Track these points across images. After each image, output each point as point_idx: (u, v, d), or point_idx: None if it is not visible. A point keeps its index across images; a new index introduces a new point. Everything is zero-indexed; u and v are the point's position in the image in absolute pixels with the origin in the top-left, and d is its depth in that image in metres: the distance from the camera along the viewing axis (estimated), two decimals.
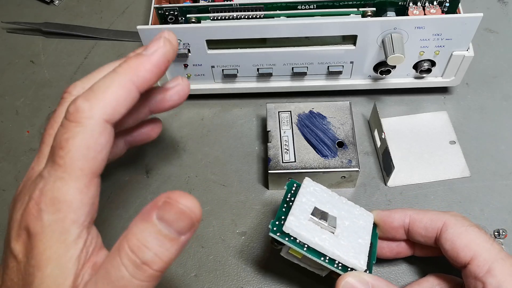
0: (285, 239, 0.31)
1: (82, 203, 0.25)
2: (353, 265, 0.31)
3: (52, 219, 0.24)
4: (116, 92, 0.26)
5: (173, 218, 0.24)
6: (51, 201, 0.24)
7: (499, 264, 0.29)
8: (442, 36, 0.41)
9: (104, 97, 0.25)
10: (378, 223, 0.35)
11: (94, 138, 0.25)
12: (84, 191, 0.25)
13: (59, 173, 0.24)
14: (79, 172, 0.24)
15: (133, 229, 0.24)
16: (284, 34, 0.41)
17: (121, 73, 0.26)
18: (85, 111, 0.25)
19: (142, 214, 0.24)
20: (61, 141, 0.24)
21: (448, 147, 0.44)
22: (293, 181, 0.35)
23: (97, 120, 0.25)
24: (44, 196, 0.24)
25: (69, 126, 0.25)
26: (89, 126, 0.25)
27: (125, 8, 0.56)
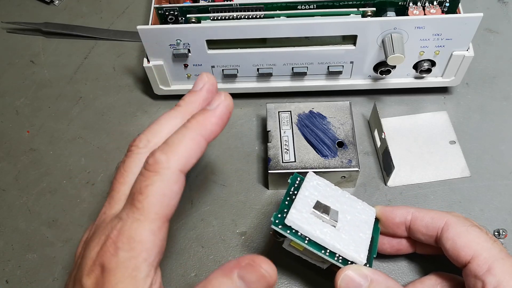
0: (287, 232, 0.32)
1: (154, 244, 0.27)
2: (353, 258, 0.32)
3: (126, 256, 0.26)
4: (189, 145, 0.29)
5: (253, 280, 0.27)
6: (127, 239, 0.27)
7: (499, 263, 0.30)
8: (442, 36, 0.41)
9: (178, 150, 0.28)
10: (380, 218, 0.36)
11: (170, 186, 0.28)
12: (156, 233, 0.27)
13: (137, 215, 0.27)
14: (154, 216, 0.27)
15: (212, 281, 0.27)
16: (284, 34, 0.41)
17: (191, 128, 0.29)
18: (163, 163, 0.28)
19: (223, 269, 0.27)
20: (141, 188, 0.27)
21: (448, 147, 0.44)
22: (297, 175, 0.36)
23: (173, 170, 0.28)
24: (121, 235, 0.27)
25: (148, 175, 0.28)
26: (166, 175, 0.28)
27: (125, 8, 0.56)
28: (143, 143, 0.31)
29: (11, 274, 0.39)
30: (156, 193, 0.27)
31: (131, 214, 0.27)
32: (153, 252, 0.27)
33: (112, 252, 0.27)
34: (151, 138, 0.31)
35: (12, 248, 0.41)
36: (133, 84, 0.50)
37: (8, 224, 0.42)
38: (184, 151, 0.29)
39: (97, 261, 0.27)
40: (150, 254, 0.27)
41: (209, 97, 0.32)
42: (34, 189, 0.44)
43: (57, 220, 0.42)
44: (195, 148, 0.29)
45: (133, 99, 0.49)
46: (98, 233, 0.29)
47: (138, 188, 0.28)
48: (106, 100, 0.49)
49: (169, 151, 0.28)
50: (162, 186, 0.27)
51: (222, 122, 0.31)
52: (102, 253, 0.27)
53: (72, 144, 0.46)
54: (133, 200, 0.28)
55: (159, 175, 0.27)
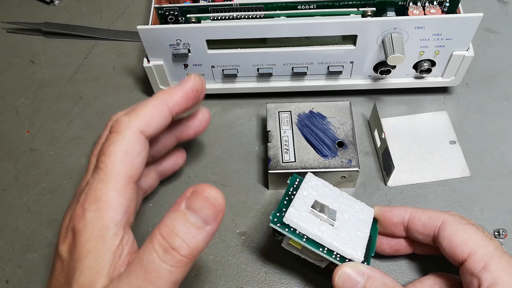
0: (285, 230, 0.33)
1: (119, 204, 0.28)
2: (350, 256, 0.32)
3: (93, 216, 0.27)
4: (151, 110, 0.31)
5: (199, 206, 0.27)
6: (93, 200, 0.28)
7: (494, 260, 0.30)
8: (442, 36, 0.41)
9: (140, 113, 0.30)
10: (378, 218, 0.36)
11: (131, 145, 0.29)
12: (121, 192, 0.28)
13: (101, 175, 0.28)
14: (117, 175, 0.28)
15: (164, 219, 0.27)
16: (284, 34, 0.41)
17: (157, 96, 0.32)
18: (124, 123, 0.29)
19: (173, 205, 0.28)
20: (103, 148, 0.29)
21: (448, 147, 0.44)
22: (296, 176, 0.36)
23: (133, 130, 0.29)
24: (88, 196, 0.28)
25: (110, 136, 0.29)
26: (127, 135, 0.29)
27: (125, 8, 0.56)
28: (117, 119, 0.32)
29: (11, 274, 0.39)
30: (117, 151, 0.28)
31: (96, 176, 0.28)
32: (120, 211, 0.28)
33: (80, 214, 0.28)
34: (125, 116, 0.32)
35: (12, 248, 0.41)
36: (133, 84, 0.50)
37: (8, 224, 0.42)
38: (146, 114, 0.30)
39: (69, 226, 0.28)
40: (117, 213, 0.28)
41: (191, 94, 0.34)
42: (34, 189, 0.44)
43: (57, 220, 0.42)
44: (157, 113, 0.31)
45: (133, 99, 0.49)
46: (72, 202, 0.30)
47: (101, 149, 0.29)
48: (106, 100, 0.49)
49: (131, 114, 0.30)
50: (123, 144, 0.29)
51: (187, 96, 0.33)
52: (72, 218, 0.28)
53: (72, 144, 0.46)
54: (97, 162, 0.29)
55: (120, 135, 0.29)
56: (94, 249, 0.27)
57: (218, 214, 0.27)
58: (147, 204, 0.42)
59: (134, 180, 0.29)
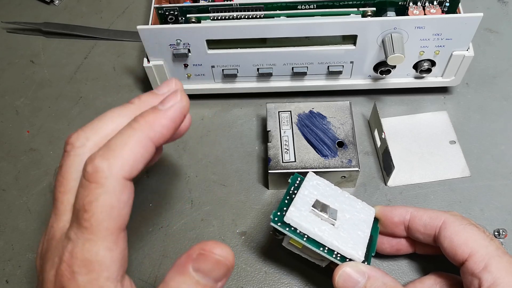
0: (286, 229, 0.33)
1: (113, 260, 0.25)
2: (351, 255, 0.32)
3: (86, 280, 0.24)
4: (134, 149, 0.25)
5: (209, 269, 0.25)
6: (82, 262, 0.24)
7: (495, 260, 0.30)
8: (442, 36, 0.41)
9: (122, 155, 0.25)
10: (379, 217, 0.36)
11: (116, 197, 0.25)
12: (113, 248, 0.25)
13: (86, 235, 0.24)
14: (106, 232, 0.24)
15: (170, 284, 0.25)
16: (284, 34, 0.41)
17: (138, 129, 0.26)
18: (105, 171, 0.24)
19: (177, 267, 0.25)
20: (84, 204, 0.24)
21: (448, 147, 0.44)
22: (297, 175, 0.36)
23: (117, 179, 0.25)
24: (74, 258, 0.24)
25: (89, 187, 0.24)
26: (110, 186, 0.24)
27: (125, 8, 0.56)
28: (81, 141, 0.27)
29: (11, 274, 0.39)
30: (102, 208, 0.24)
31: (80, 234, 0.24)
32: (115, 268, 0.25)
33: (69, 277, 0.24)
34: (90, 136, 0.27)
35: (12, 248, 0.41)
36: (133, 84, 0.50)
37: (8, 224, 0.42)
38: (129, 155, 0.25)
39: (57, 285, 0.25)
40: (112, 271, 0.25)
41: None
42: (34, 189, 0.44)
43: None
44: (141, 151, 0.26)
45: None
46: (50, 252, 0.26)
47: (82, 205, 0.24)
48: (106, 100, 0.49)
49: (111, 156, 0.25)
50: (107, 198, 0.24)
51: (174, 125, 0.27)
52: (60, 277, 0.25)
53: None
54: (79, 219, 0.25)
55: (102, 187, 0.24)
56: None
57: (229, 271, 0.26)
58: (147, 204, 0.42)
59: (124, 228, 0.26)
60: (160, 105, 0.27)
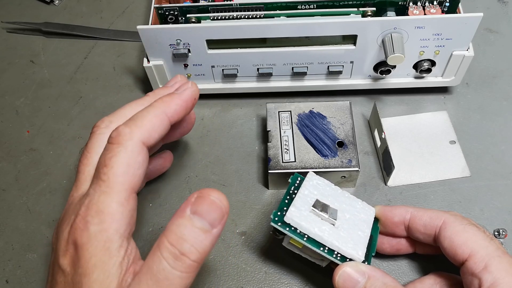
0: (286, 229, 0.33)
1: (123, 215, 0.28)
2: (351, 255, 0.32)
3: (97, 229, 0.27)
4: (152, 120, 0.30)
5: (205, 210, 0.27)
6: (96, 213, 0.27)
7: (495, 261, 0.30)
8: (442, 36, 0.41)
9: (141, 124, 0.30)
10: (379, 217, 0.36)
11: (134, 156, 0.29)
12: (124, 204, 0.28)
13: (103, 188, 0.28)
14: (120, 187, 0.28)
15: (170, 226, 0.27)
16: (284, 34, 0.41)
17: (156, 106, 0.31)
18: (126, 135, 0.29)
19: (177, 212, 0.27)
20: (105, 160, 0.28)
21: (448, 147, 0.44)
22: (297, 175, 0.36)
23: (136, 142, 0.29)
24: (90, 209, 0.27)
25: (111, 147, 0.29)
26: (129, 146, 0.29)
27: (125, 8, 0.56)
28: (105, 123, 0.32)
29: (11, 274, 0.39)
30: (120, 163, 0.28)
31: (97, 188, 0.28)
32: (123, 222, 0.28)
33: (82, 227, 0.27)
34: (114, 119, 0.32)
35: (12, 248, 0.41)
36: (133, 84, 0.50)
37: (8, 224, 0.42)
38: (147, 125, 0.30)
39: (70, 240, 0.28)
40: (121, 225, 0.27)
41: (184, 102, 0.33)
42: (34, 189, 0.44)
43: (57, 220, 0.42)
44: (158, 123, 0.31)
45: (133, 99, 0.49)
46: (67, 215, 0.29)
47: (103, 161, 0.28)
48: (106, 100, 0.49)
49: (132, 124, 0.29)
50: (126, 156, 0.28)
51: (186, 105, 0.33)
52: (73, 231, 0.27)
53: (72, 144, 0.46)
54: (98, 174, 0.28)
55: (122, 146, 0.28)
56: (100, 263, 0.27)
57: (223, 216, 0.28)
58: (147, 204, 0.42)
59: (136, 191, 0.29)
60: (174, 91, 0.33)
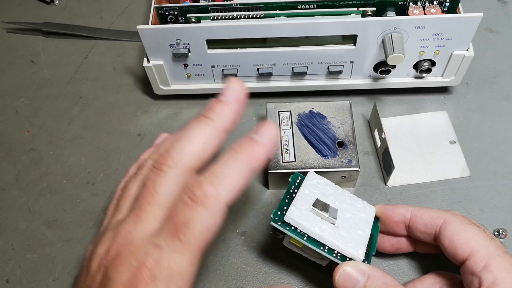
0: (286, 229, 0.33)
1: (190, 275, 0.27)
2: (351, 255, 0.32)
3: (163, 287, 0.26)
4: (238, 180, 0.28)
5: None
6: (167, 271, 0.26)
7: (496, 260, 0.30)
8: (442, 36, 0.41)
9: (228, 184, 0.28)
10: (380, 216, 0.36)
11: (215, 220, 0.27)
12: (194, 264, 0.27)
13: (179, 247, 0.26)
14: (196, 250, 0.27)
15: None
16: (284, 34, 0.41)
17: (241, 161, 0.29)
18: (212, 196, 0.27)
19: None
20: (187, 220, 0.27)
21: (448, 147, 0.44)
22: (298, 174, 0.36)
23: (221, 206, 0.27)
24: (159, 266, 0.26)
25: (195, 207, 0.27)
26: (214, 210, 0.27)
27: (125, 8, 0.56)
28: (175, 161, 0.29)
29: (11, 274, 0.39)
30: (202, 227, 0.27)
31: (172, 246, 0.26)
32: (189, 282, 0.27)
33: (149, 281, 0.26)
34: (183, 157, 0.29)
35: (12, 248, 0.40)
36: (133, 84, 0.50)
37: (8, 224, 0.42)
38: (234, 185, 0.28)
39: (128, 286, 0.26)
40: (187, 285, 0.27)
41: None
42: (34, 189, 0.44)
43: (57, 220, 0.42)
44: (244, 182, 0.28)
45: (133, 99, 0.49)
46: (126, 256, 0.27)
47: (183, 220, 0.27)
48: (106, 100, 0.49)
49: (217, 184, 0.27)
50: (208, 220, 0.27)
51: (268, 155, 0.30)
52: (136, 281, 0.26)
53: (72, 144, 0.46)
54: (176, 232, 0.27)
55: (207, 209, 0.27)
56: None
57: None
58: None
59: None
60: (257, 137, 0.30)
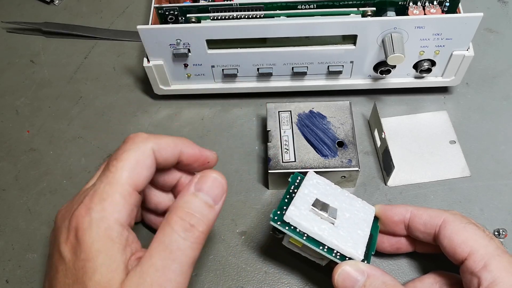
0: (285, 228, 0.33)
1: (124, 207, 0.29)
2: (350, 254, 0.32)
3: (98, 217, 0.28)
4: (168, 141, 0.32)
5: (209, 187, 0.30)
6: (99, 201, 0.28)
7: (495, 260, 0.30)
8: (442, 35, 0.41)
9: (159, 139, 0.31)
10: (379, 216, 0.36)
11: (143, 157, 0.30)
12: (126, 197, 0.29)
13: (110, 178, 0.29)
14: (125, 180, 0.29)
15: (178, 204, 0.30)
16: (284, 34, 0.41)
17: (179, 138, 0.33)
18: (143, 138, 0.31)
19: (183, 191, 0.30)
20: (117, 154, 0.30)
21: (448, 147, 0.44)
22: (297, 174, 0.36)
23: (148, 146, 0.31)
24: (93, 198, 0.29)
25: (125, 145, 0.30)
26: (141, 147, 0.30)
27: (125, 8, 0.56)
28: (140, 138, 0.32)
29: (11, 274, 0.39)
30: (129, 159, 0.30)
31: (104, 178, 0.29)
32: (124, 213, 0.29)
33: (84, 214, 0.28)
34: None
35: (12, 248, 0.41)
36: (133, 84, 0.50)
37: (8, 224, 0.42)
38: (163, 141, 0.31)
39: (71, 227, 0.28)
40: (122, 215, 0.29)
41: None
42: (34, 189, 0.44)
43: None
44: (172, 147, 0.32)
45: (133, 99, 0.49)
46: (71, 204, 0.30)
47: (114, 156, 0.30)
48: (106, 100, 0.49)
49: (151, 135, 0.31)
50: (136, 154, 0.30)
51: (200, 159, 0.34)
52: (75, 217, 0.28)
53: (72, 144, 0.46)
54: (107, 166, 0.30)
55: (136, 145, 0.30)
56: (103, 248, 0.28)
57: (224, 193, 0.31)
58: None
59: (139, 190, 0.30)
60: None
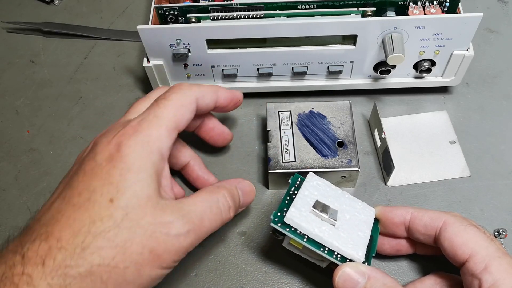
0: (286, 230, 0.33)
1: (166, 139, 0.32)
2: (351, 256, 0.32)
3: (143, 140, 0.30)
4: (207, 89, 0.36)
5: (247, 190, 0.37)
6: (147, 127, 0.31)
7: (496, 261, 0.30)
8: (442, 35, 0.41)
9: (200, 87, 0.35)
10: (379, 218, 0.36)
11: (187, 102, 0.34)
12: (170, 133, 0.32)
13: (158, 112, 0.32)
14: (172, 117, 0.32)
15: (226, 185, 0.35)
16: (284, 34, 0.41)
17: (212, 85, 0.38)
18: (186, 87, 0.34)
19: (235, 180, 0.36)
20: (165, 95, 0.33)
21: (448, 147, 0.44)
22: (298, 175, 0.36)
23: (192, 94, 0.34)
24: (141, 124, 0.31)
25: (173, 89, 0.34)
26: (186, 94, 0.34)
27: (125, 8, 0.56)
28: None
29: None
30: (176, 100, 0.33)
31: (152, 111, 0.32)
32: (165, 146, 0.31)
33: (131, 133, 0.30)
34: None
35: None
36: (133, 84, 0.50)
37: (8, 224, 0.42)
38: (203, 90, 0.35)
39: (113, 141, 0.30)
40: (162, 147, 0.31)
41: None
42: (34, 189, 0.44)
43: None
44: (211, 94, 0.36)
45: (133, 99, 0.49)
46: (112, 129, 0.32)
47: (163, 95, 0.33)
48: (106, 100, 0.49)
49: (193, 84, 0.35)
50: (182, 99, 0.33)
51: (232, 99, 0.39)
52: (120, 135, 0.30)
53: (72, 144, 0.46)
54: (157, 102, 0.33)
55: (182, 91, 0.34)
56: (145, 168, 0.30)
57: (243, 207, 0.37)
58: None
59: (179, 130, 0.33)
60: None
